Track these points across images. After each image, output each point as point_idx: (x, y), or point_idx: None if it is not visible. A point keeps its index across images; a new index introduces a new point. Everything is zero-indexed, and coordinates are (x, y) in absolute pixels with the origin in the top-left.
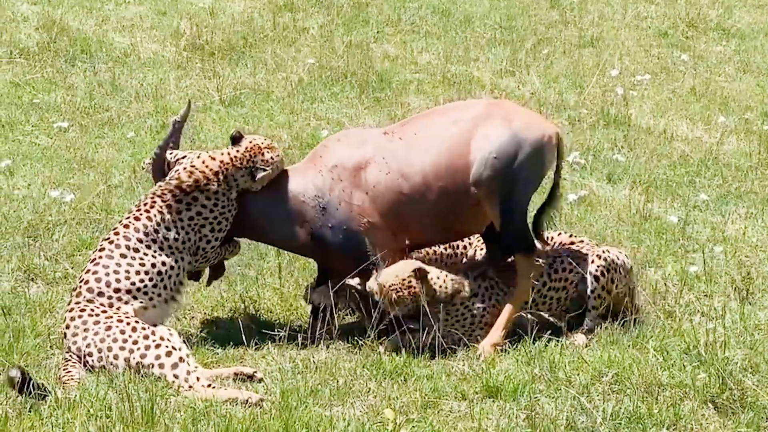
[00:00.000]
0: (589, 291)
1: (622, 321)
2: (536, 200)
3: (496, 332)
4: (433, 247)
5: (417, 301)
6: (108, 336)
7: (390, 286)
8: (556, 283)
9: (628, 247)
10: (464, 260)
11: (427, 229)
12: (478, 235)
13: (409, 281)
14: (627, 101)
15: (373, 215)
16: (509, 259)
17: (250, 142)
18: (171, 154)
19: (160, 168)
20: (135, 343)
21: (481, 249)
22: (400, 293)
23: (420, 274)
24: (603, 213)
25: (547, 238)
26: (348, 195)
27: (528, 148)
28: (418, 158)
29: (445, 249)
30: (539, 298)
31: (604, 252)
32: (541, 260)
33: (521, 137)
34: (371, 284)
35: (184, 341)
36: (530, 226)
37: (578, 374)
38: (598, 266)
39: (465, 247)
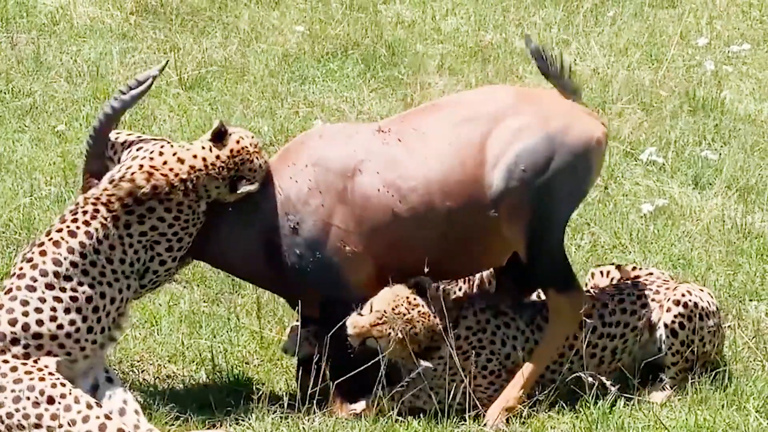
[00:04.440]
0: (665, 348)
1: (714, 372)
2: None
3: (511, 392)
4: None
5: (430, 326)
6: (18, 410)
7: (393, 311)
8: (610, 329)
9: (721, 274)
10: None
11: (425, 262)
12: None
13: (414, 300)
14: (719, 80)
15: (356, 241)
16: (532, 297)
17: (238, 143)
18: (118, 134)
19: (102, 144)
20: (54, 418)
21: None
22: (410, 316)
23: (422, 289)
24: (687, 228)
25: (602, 272)
26: (328, 213)
27: (567, 154)
28: (419, 168)
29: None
30: (585, 349)
31: (684, 295)
32: (587, 302)
33: (559, 141)
34: (355, 324)
35: (131, 393)
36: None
37: None
38: (676, 316)
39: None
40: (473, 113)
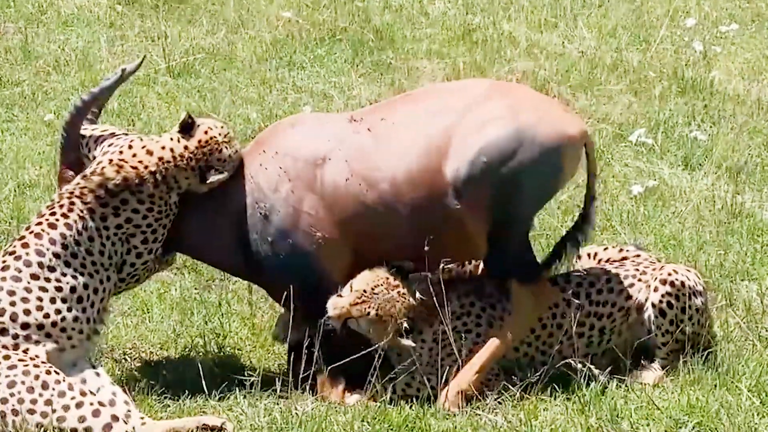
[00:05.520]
0: (654, 327)
1: (706, 353)
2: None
3: (467, 374)
4: None
5: (409, 307)
6: (12, 395)
7: (373, 291)
8: (598, 308)
9: (712, 254)
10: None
11: (395, 252)
12: None
13: (394, 281)
14: (708, 60)
15: (328, 228)
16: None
17: (206, 133)
18: (91, 129)
19: (75, 136)
20: (48, 403)
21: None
22: (389, 296)
23: (404, 273)
24: (678, 209)
25: (589, 254)
26: (297, 199)
27: (535, 150)
28: (387, 160)
29: None
30: (575, 328)
31: (670, 275)
32: (553, 293)
33: (528, 135)
34: (335, 305)
35: (121, 387)
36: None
37: (649, 425)
38: (663, 295)
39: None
40: (444, 105)
